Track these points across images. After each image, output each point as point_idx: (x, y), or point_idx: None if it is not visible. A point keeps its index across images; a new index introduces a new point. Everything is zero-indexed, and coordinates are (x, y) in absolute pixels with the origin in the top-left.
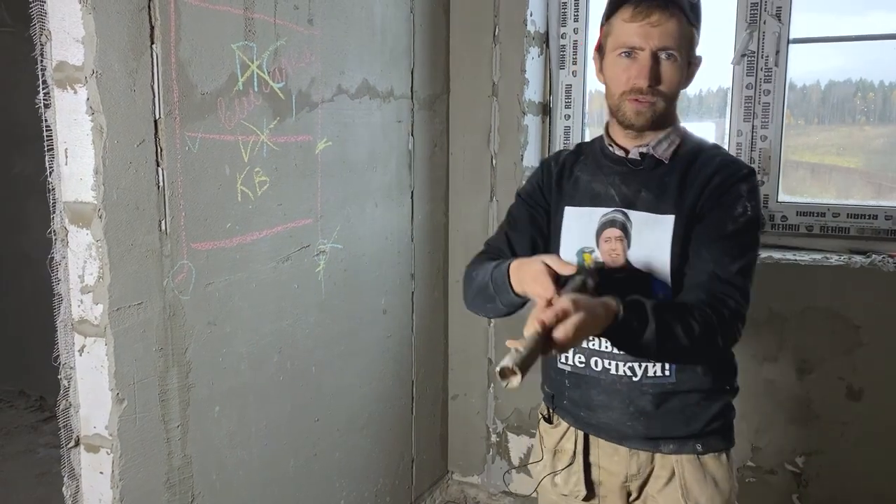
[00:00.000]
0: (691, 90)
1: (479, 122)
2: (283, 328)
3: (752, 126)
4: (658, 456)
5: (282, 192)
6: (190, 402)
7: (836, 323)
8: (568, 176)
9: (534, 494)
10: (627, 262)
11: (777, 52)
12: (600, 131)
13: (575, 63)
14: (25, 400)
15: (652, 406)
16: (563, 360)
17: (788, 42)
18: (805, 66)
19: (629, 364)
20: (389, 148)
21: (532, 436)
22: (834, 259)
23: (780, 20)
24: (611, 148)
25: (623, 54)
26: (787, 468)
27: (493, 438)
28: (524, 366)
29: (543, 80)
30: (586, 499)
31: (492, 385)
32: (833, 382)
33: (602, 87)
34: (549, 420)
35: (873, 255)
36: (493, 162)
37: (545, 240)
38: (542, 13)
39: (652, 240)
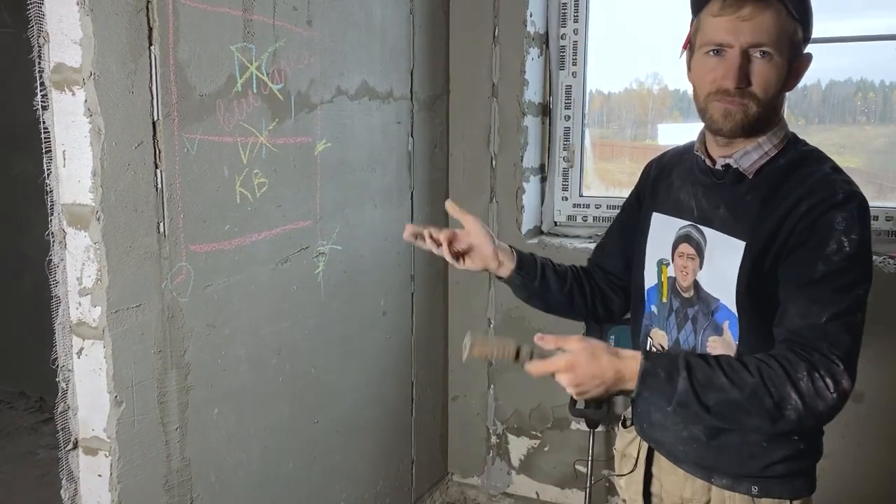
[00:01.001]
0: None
1: (479, 123)
2: (283, 330)
3: None
4: (716, 489)
5: (281, 193)
6: (189, 404)
7: None
8: (665, 178)
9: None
10: (696, 283)
11: None
12: (600, 132)
13: (575, 64)
14: (25, 401)
15: (705, 437)
16: None
17: None
18: None
19: None
20: (389, 149)
21: (531, 437)
22: None
23: None
24: (699, 156)
25: (711, 52)
26: None
27: (493, 440)
28: (478, 353)
29: (543, 80)
30: None
31: (492, 386)
32: None
33: (599, 88)
34: (625, 424)
35: (874, 256)
36: (493, 163)
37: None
38: (541, 13)
39: (723, 264)
